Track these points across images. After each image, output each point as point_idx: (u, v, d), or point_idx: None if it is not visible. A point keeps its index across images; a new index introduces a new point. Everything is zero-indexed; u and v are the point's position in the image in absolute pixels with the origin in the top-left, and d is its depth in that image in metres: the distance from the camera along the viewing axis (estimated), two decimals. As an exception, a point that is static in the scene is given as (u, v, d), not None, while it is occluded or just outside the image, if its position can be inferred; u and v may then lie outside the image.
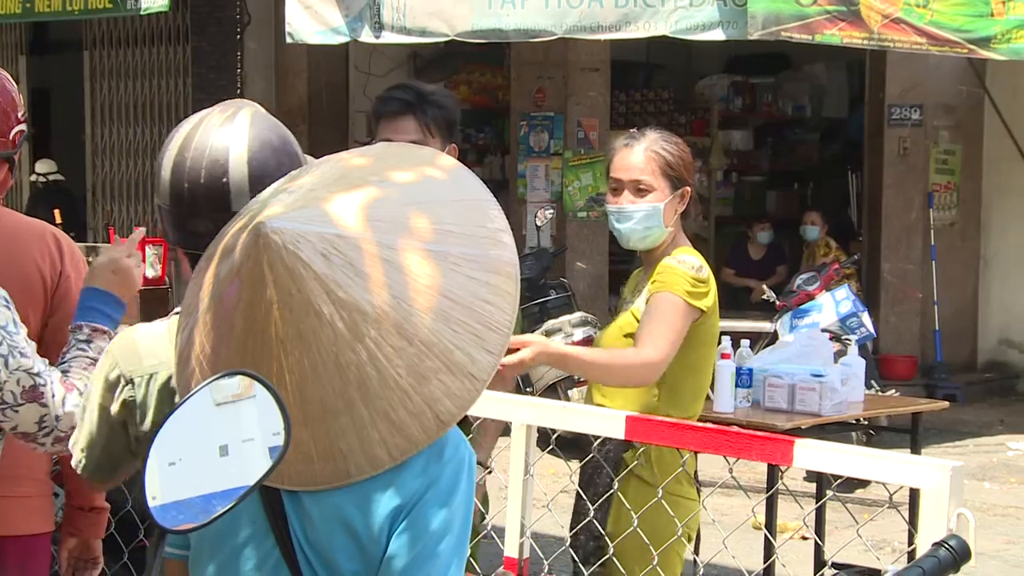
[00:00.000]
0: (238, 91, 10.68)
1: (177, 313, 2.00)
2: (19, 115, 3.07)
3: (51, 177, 12.23)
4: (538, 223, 8.59)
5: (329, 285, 1.59)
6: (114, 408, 2.18)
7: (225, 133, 2.11)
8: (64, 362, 2.56)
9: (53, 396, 2.49)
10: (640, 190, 3.28)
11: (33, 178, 12.26)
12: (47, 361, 2.53)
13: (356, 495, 1.67)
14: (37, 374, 2.48)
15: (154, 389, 2.15)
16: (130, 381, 2.16)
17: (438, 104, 3.44)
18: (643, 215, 3.28)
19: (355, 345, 1.60)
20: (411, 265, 1.63)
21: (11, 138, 3.04)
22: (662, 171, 3.28)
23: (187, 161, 2.11)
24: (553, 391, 7.52)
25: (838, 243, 10.27)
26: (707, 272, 3.28)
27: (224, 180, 2.09)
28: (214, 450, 1.48)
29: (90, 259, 2.86)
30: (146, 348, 2.17)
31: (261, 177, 2.07)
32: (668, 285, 3.21)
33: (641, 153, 3.29)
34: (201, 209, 2.10)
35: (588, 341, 7.46)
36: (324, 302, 1.59)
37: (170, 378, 2.08)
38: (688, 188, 3.32)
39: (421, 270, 1.63)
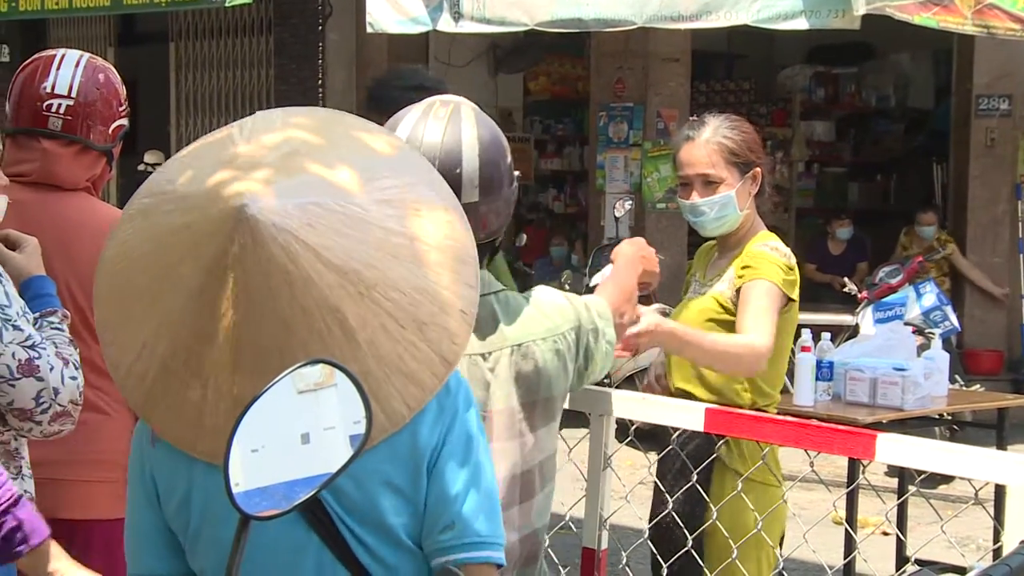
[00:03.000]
0: (319, 82, 10.77)
1: None
2: (121, 110, 3.11)
3: (158, 168, 12.44)
4: (617, 214, 8.55)
5: (323, 254, 1.59)
6: None
7: (455, 126, 2.25)
8: (47, 339, 2.53)
9: (51, 369, 2.46)
10: (709, 183, 3.29)
11: (141, 167, 12.49)
12: (43, 335, 2.50)
13: (385, 451, 1.70)
14: (32, 346, 2.44)
15: None
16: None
17: None
18: (717, 207, 3.30)
19: (359, 307, 1.60)
20: (384, 217, 1.65)
21: (111, 131, 3.09)
22: (727, 160, 3.28)
23: (419, 151, 2.21)
24: (630, 382, 7.50)
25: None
26: (794, 260, 3.29)
27: (457, 171, 2.22)
28: (296, 438, 1.50)
29: None
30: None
31: (487, 166, 2.25)
32: (763, 273, 3.21)
33: (703, 146, 3.29)
34: None
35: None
36: (321, 272, 1.59)
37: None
38: (758, 169, 3.31)
39: (394, 220, 1.66)
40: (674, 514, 3.04)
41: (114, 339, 1.72)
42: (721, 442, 3.12)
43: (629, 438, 3.06)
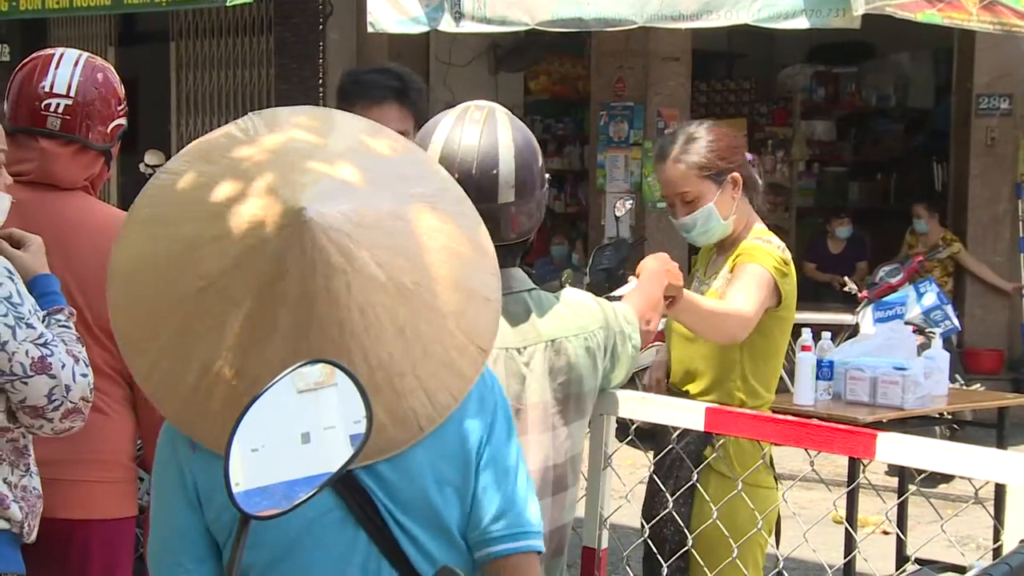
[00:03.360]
0: (320, 82, 10.76)
1: None
2: (120, 109, 3.11)
3: (158, 169, 12.42)
4: (617, 213, 8.50)
5: (376, 253, 1.61)
6: None
7: (491, 129, 2.32)
8: (57, 336, 2.55)
9: (63, 366, 2.48)
10: (687, 202, 3.32)
11: (142, 167, 12.47)
12: (52, 333, 2.53)
13: (435, 446, 1.72)
14: (44, 344, 2.47)
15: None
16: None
17: (419, 88, 3.45)
18: (700, 221, 3.33)
19: (407, 302, 1.63)
20: (412, 213, 1.69)
21: (109, 131, 3.08)
22: (697, 176, 3.32)
23: (458, 155, 2.28)
24: (631, 381, 7.50)
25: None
26: (789, 256, 3.31)
27: (494, 172, 2.29)
28: (296, 437, 1.50)
29: None
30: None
31: (522, 169, 2.31)
32: (755, 259, 3.25)
33: (672, 167, 3.34)
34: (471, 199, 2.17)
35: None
36: (375, 271, 1.61)
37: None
38: (735, 174, 3.32)
39: (420, 215, 1.69)
40: (663, 510, 3.07)
41: (155, 361, 1.68)
42: (719, 443, 3.13)
43: (629, 437, 3.06)
